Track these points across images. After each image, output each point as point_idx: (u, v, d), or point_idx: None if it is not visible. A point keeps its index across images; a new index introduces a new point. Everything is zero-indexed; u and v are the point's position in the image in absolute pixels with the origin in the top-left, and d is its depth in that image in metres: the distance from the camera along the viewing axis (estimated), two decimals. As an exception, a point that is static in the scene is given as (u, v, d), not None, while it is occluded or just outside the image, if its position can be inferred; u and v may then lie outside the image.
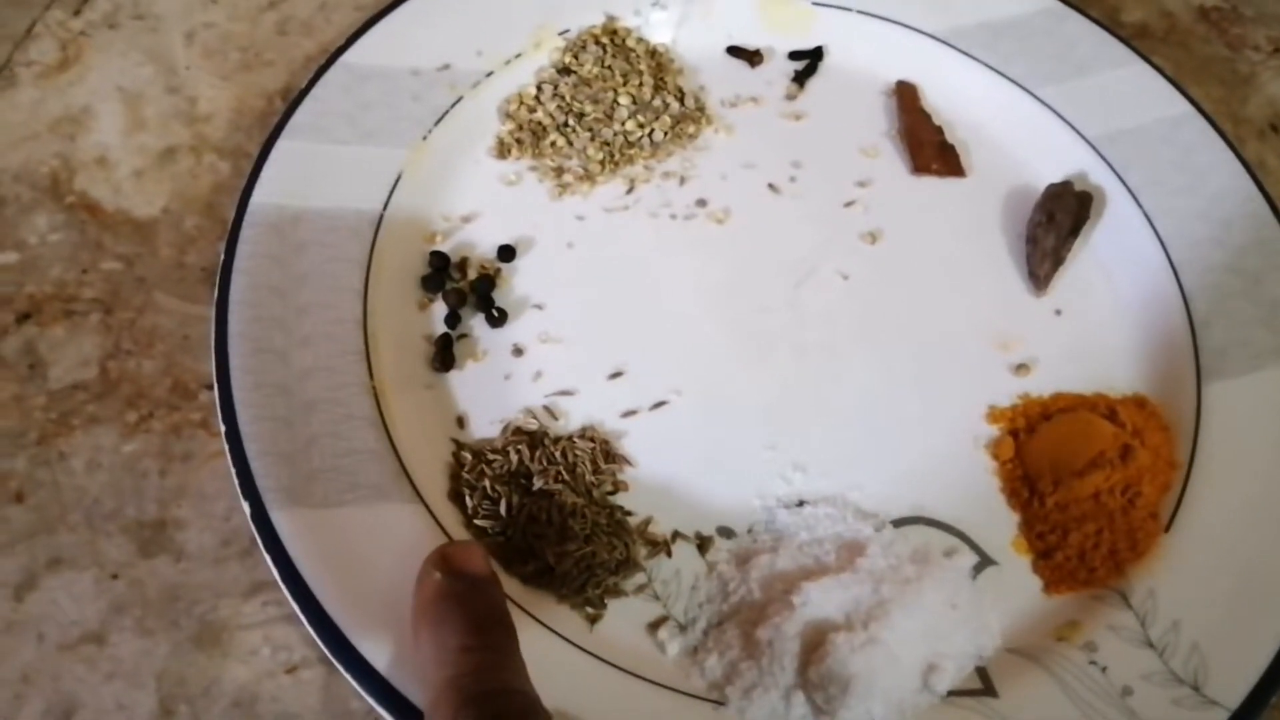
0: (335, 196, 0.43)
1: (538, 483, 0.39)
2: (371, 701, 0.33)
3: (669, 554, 0.39)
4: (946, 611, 0.37)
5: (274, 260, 0.41)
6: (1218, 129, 0.48)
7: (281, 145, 0.43)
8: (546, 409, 0.42)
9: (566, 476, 0.39)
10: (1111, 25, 0.57)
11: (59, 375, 0.42)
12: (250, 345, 0.39)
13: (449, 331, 0.43)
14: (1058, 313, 0.46)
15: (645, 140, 0.48)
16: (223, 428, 0.37)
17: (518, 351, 0.43)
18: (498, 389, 0.42)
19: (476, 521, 0.38)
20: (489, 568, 0.33)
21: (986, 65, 0.51)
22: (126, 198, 0.46)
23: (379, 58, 0.47)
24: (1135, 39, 0.57)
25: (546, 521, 0.38)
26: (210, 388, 0.42)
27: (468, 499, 0.39)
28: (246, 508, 0.36)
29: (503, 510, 0.38)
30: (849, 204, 0.48)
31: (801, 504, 0.40)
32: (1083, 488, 0.40)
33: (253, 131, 0.49)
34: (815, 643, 0.35)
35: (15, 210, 0.46)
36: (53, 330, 0.43)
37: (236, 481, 0.36)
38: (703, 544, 0.39)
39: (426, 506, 0.38)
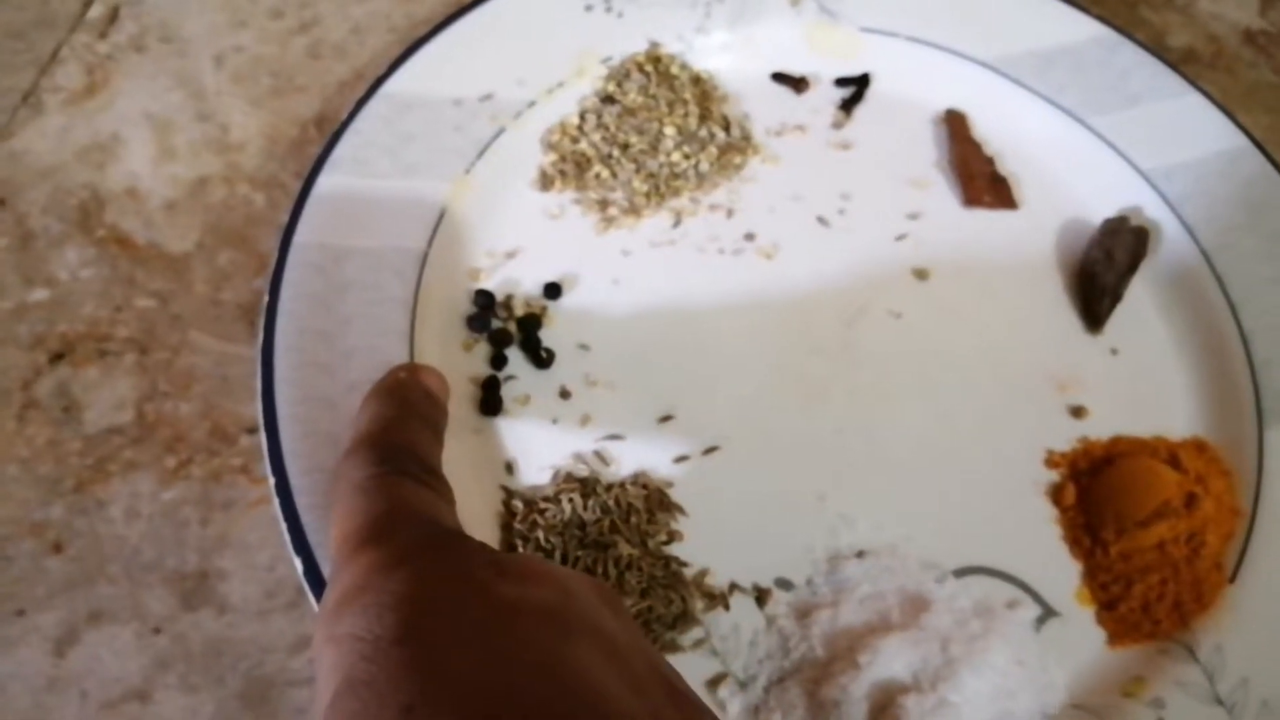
0: (379, 234, 0.42)
1: (592, 533, 0.38)
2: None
3: (726, 607, 0.38)
4: (1013, 669, 0.36)
5: (318, 302, 0.40)
6: (1275, 165, 0.47)
7: (322, 181, 0.42)
8: (597, 454, 0.41)
9: (621, 527, 0.38)
10: (1158, 50, 0.56)
11: (94, 419, 0.41)
12: (298, 392, 0.38)
13: (495, 374, 0.42)
14: (1114, 352, 0.45)
15: (691, 171, 0.47)
16: (272, 480, 0.36)
17: (564, 394, 0.42)
18: (546, 433, 0.41)
19: (531, 576, 0.37)
20: (446, 393, 0.38)
21: (1038, 94, 0.50)
22: (159, 231, 0.45)
23: (420, 87, 0.45)
24: (1182, 64, 0.56)
25: (603, 575, 0.37)
26: (251, 432, 0.41)
27: (521, 551, 0.38)
28: (298, 564, 0.35)
29: (558, 563, 0.37)
30: (900, 238, 0.47)
31: (861, 554, 0.39)
32: (1147, 537, 0.39)
33: (286, 161, 0.47)
34: (883, 704, 0.35)
35: (45, 244, 0.44)
36: (86, 371, 0.42)
37: (287, 536, 0.35)
38: (760, 596, 0.38)
39: (479, 560, 0.37)
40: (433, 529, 0.29)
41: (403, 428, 0.34)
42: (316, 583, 0.34)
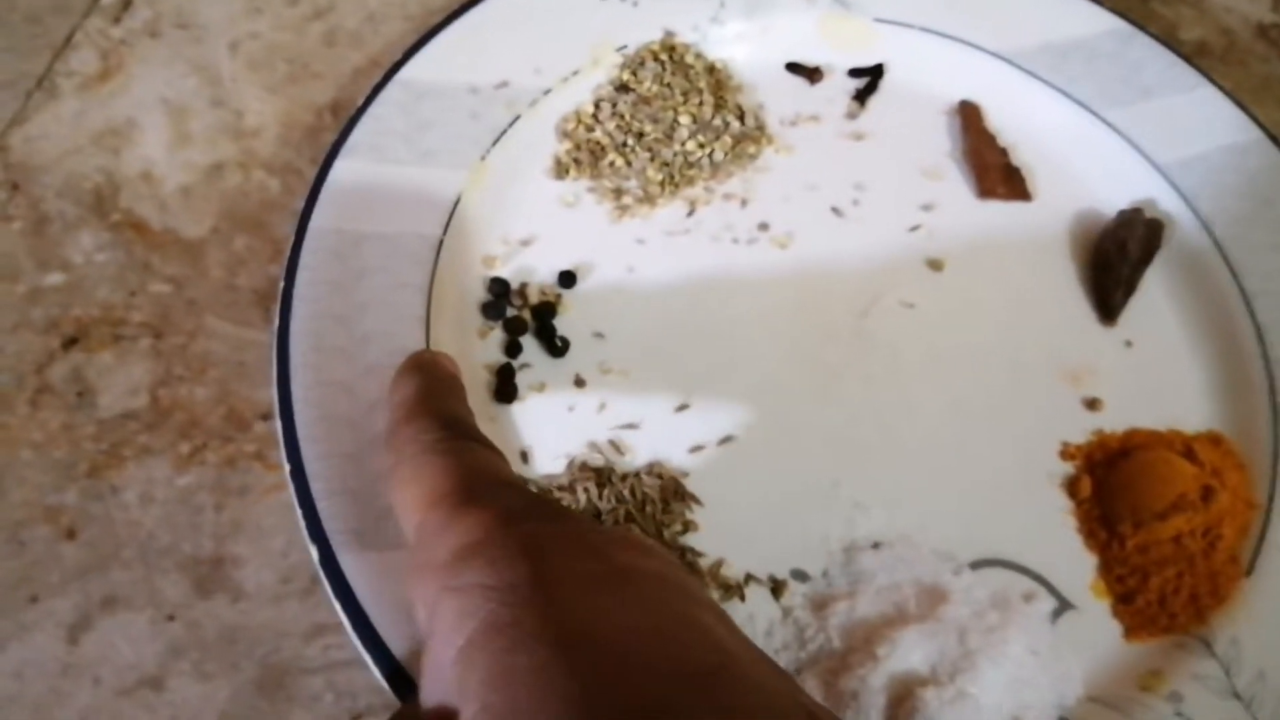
0: (395, 220, 0.42)
1: (607, 522, 0.38)
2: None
3: (742, 598, 0.38)
4: (1030, 660, 0.36)
5: (335, 287, 0.40)
6: (1289, 156, 0.47)
7: (339, 166, 0.42)
8: (612, 443, 0.41)
9: (636, 516, 0.38)
10: (1171, 44, 0.56)
11: (108, 404, 0.41)
12: (314, 377, 0.38)
13: (510, 361, 0.42)
14: (1128, 344, 0.45)
15: (705, 161, 0.47)
16: (287, 466, 0.36)
17: (579, 382, 0.42)
18: (561, 421, 0.41)
19: (547, 563, 0.37)
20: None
21: (1052, 86, 0.50)
22: (174, 216, 0.45)
23: (436, 74, 0.45)
24: (1194, 58, 0.56)
25: (618, 563, 0.37)
26: (265, 418, 0.41)
27: (537, 539, 0.38)
28: (314, 551, 0.34)
29: (573, 551, 0.37)
30: (914, 228, 0.47)
31: (877, 545, 0.39)
32: (1164, 530, 0.39)
33: (302, 147, 0.47)
34: (901, 696, 0.35)
35: (60, 228, 0.44)
36: (101, 356, 0.42)
37: (303, 523, 0.35)
38: (776, 587, 0.38)
39: (496, 547, 0.37)
40: (529, 492, 0.30)
41: (447, 399, 0.34)
42: (331, 570, 0.34)
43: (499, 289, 0.43)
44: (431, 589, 0.25)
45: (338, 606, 0.34)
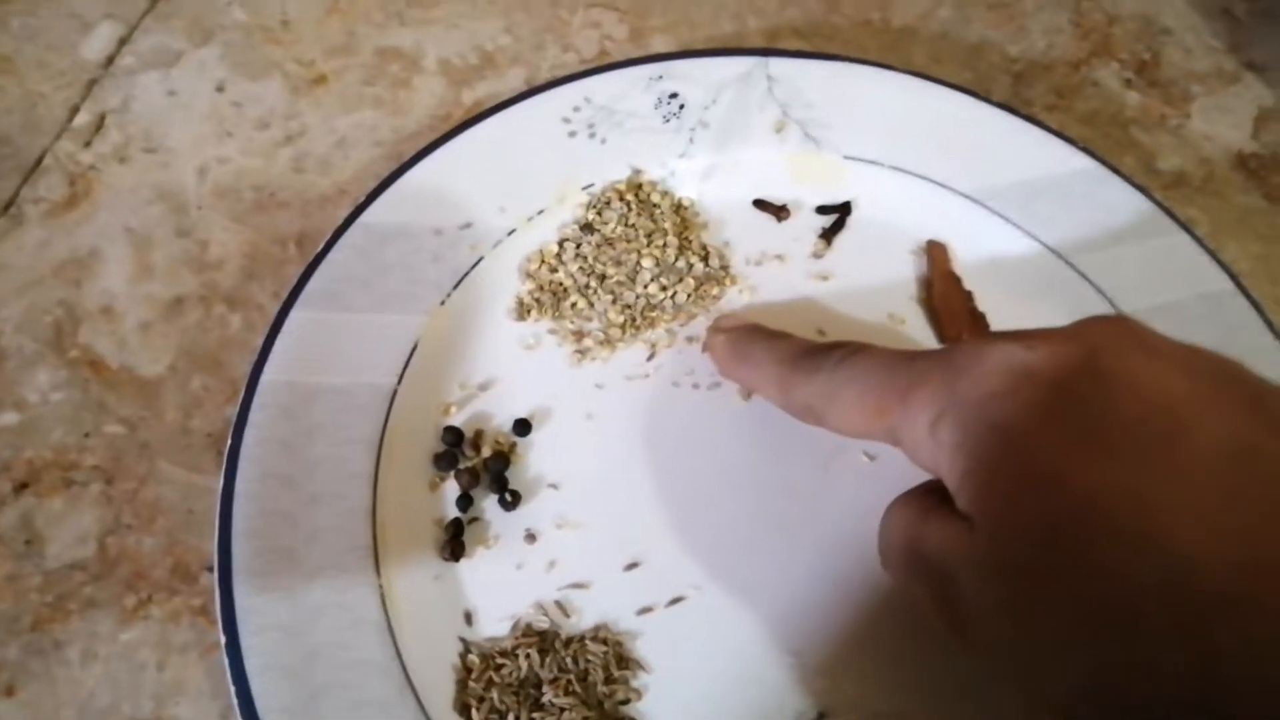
0: (349, 370, 0.42)
1: (548, 693, 0.38)
2: None
3: (683, 774, 0.38)
4: None
5: (283, 445, 0.40)
6: (1260, 310, 0.46)
7: (294, 316, 0.42)
8: (558, 604, 0.40)
9: (577, 687, 0.38)
10: (1148, 173, 0.56)
11: (56, 553, 0.41)
12: (256, 545, 0.37)
13: (460, 517, 0.41)
14: (1089, 502, 0.44)
15: (668, 303, 0.47)
16: (223, 638, 0.36)
17: (530, 537, 0.42)
18: (508, 579, 0.41)
19: (484, 739, 0.37)
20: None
21: (1021, 228, 0.49)
22: (132, 353, 0.45)
23: (401, 216, 0.45)
24: (1172, 188, 0.56)
25: (556, 740, 0.37)
26: (212, 570, 0.41)
27: (474, 713, 0.37)
28: (246, 733, 0.34)
29: (511, 727, 0.37)
30: (876, 377, 0.46)
31: (821, 717, 0.39)
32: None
33: (265, 281, 0.47)
34: None
35: (16, 365, 0.44)
36: (51, 502, 0.42)
37: (235, 701, 0.35)
38: (718, 763, 0.38)
39: (432, 723, 0.36)
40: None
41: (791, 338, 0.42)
42: (265, 748, 0.34)
43: (452, 439, 0.43)
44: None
45: (267, 791, 0.34)
